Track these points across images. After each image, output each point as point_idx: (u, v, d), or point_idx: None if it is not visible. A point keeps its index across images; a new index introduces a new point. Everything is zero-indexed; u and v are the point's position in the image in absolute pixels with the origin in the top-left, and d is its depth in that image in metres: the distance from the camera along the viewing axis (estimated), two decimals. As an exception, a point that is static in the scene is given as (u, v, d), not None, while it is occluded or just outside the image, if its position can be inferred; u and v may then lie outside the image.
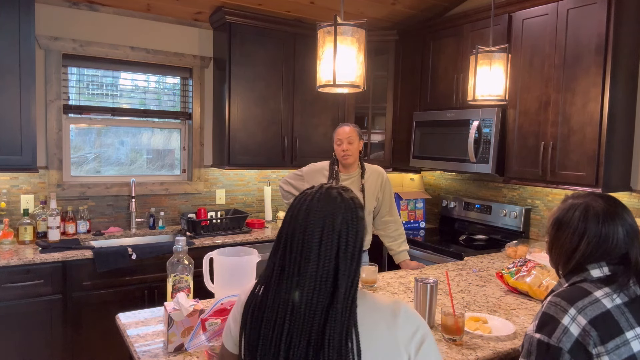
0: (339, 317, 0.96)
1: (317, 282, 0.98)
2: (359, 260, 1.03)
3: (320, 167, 2.73)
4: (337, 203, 1.03)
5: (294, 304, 0.98)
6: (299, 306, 0.97)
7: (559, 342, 1.11)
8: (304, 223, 1.01)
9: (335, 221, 1.01)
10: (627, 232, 1.24)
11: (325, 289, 0.98)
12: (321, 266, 0.98)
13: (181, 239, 1.82)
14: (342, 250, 1.00)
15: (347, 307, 0.98)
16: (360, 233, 1.04)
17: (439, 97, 3.51)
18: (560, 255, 1.31)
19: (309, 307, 0.97)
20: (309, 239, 1.00)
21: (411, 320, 1.04)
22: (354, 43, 1.65)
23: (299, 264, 0.99)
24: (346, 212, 1.03)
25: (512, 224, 3.29)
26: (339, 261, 0.99)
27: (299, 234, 1.01)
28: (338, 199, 1.04)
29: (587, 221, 1.25)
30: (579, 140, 2.63)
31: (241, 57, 3.46)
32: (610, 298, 1.17)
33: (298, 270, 0.99)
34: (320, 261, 0.98)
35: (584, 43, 2.60)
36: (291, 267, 1.00)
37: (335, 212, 1.02)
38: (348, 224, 1.02)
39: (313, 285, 0.98)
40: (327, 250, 0.99)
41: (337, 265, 0.99)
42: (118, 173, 3.54)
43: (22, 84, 2.74)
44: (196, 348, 1.51)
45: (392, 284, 2.28)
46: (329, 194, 1.05)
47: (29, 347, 2.63)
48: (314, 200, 1.04)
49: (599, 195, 1.30)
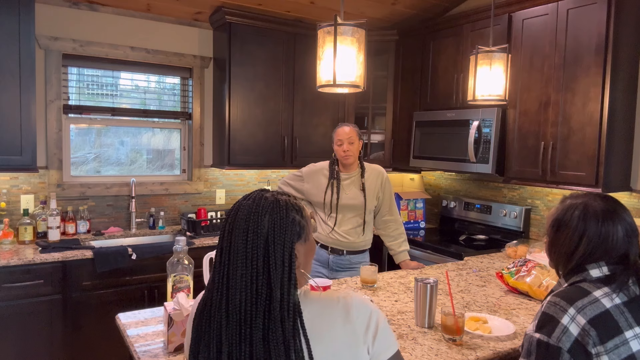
0: (279, 328, 0.92)
1: (246, 290, 0.93)
2: (290, 264, 0.96)
3: (320, 168, 2.73)
4: (266, 203, 0.99)
5: (228, 313, 0.94)
6: (232, 316, 0.93)
7: (558, 342, 1.11)
8: (231, 226, 0.98)
9: (261, 222, 0.96)
10: (627, 231, 1.24)
11: (259, 298, 0.93)
12: (249, 272, 0.94)
13: (181, 239, 1.82)
14: (271, 253, 0.94)
15: (287, 316, 0.93)
16: (289, 235, 0.97)
17: (439, 97, 3.51)
18: (560, 256, 1.30)
19: (245, 316, 0.93)
20: (235, 240, 0.96)
21: (363, 311, 1.02)
22: (354, 43, 1.65)
23: (227, 269, 0.96)
24: (273, 212, 0.98)
25: (512, 224, 3.29)
26: (269, 266, 0.94)
27: (227, 237, 0.98)
28: (269, 199, 1.00)
29: (586, 221, 1.25)
30: (579, 140, 2.63)
31: (241, 57, 3.46)
32: (610, 298, 1.17)
33: (227, 277, 0.95)
34: (247, 266, 0.94)
35: (584, 43, 2.60)
36: (221, 273, 0.96)
37: (261, 212, 0.97)
38: (274, 225, 0.97)
39: (244, 294, 0.93)
40: (253, 253, 0.94)
41: (268, 271, 0.94)
42: (118, 173, 3.54)
43: (22, 84, 2.74)
44: (196, 348, 1.50)
45: (392, 284, 2.28)
46: (261, 196, 1.02)
47: (29, 347, 2.63)
48: (244, 203, 1.00)
49: (598, 195, 1.30)
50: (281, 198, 1.02)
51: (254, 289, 0.94)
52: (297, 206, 1.04)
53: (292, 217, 1.00)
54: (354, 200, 2.63)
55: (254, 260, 0.95)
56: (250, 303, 0.93)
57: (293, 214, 1.01)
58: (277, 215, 0.98)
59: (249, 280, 0.94)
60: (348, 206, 2.63)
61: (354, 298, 1.04)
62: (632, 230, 1.26)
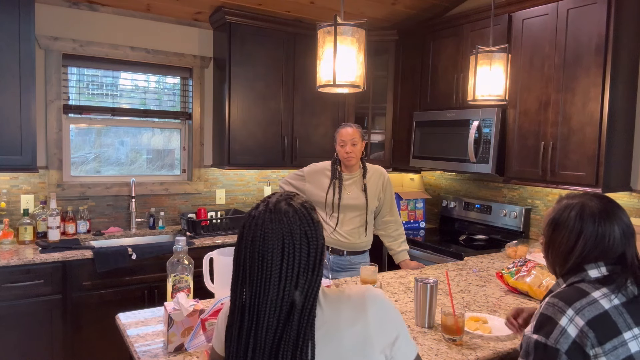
0: (294, 330, 0.93)
1: (276, 306, 0.95)
2: (320, 268, 0.99)
3: (322, 168, 2.72)
4: (290, 217, 0.98)
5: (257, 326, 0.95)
6: (261, 328, 0.95)
7: (556, 343, 1.11)
8: (262, 250, 0.96)
9: (294, 238, 0.96)
10: (623, 231, 1.24)
11: (285, 306, 0.95)
12: (281, 289, 0.95)
13: (181, 239, 1.82)
14: (303, 265, 0.96)
15: (304, 319, 0.94)
16: (321, 239, 1.00)
17: (439, 97, 3.51)
18: (557, 256, 1.30)
19: (269, 329, 0.94)
20: (268, 266, 0.95)
21: (382, 314, 1.01)
22: (354, 43, 1.64)
23: (259, 295, 0.95)
24: (302, 224, 0.98)
25: (512, 224, 3.29)
26: (299, 276, 0.95)
27: (258, 262, 0.96)
28: (290, 212, 0.99)
29: (583, 221, 1.24)
30: (579, 140, 2.63)
31: (241, 57, 3.46)
32: (608, 299, 1.17)
33: (257, 303, 0.95)
34: (281, 284, 0.95)
35: (584, 43, 2.60)
36: (252, 298, 0.96)
37: (292, 228, 0.97)
38: (308, 236, 0.97)
39: (273, 310, 0.94)
40: (288, 271, 0.95)
41: (297, 281, 0.95)
42: (118, 173, 3.54)
43: (22, 84, 2.74)
44: (196, 348, 1.51)
45: (392, 284, 2.28)
46: (279, 209, 0.99)
47: (29, 347, 2.63)
48: (267, 222, 0.98)
49: (594, 195, 1.30)
50: (298, 203, 1.01)
51: (282, 305, 0.95)
52: (312, 207, 1.04)
53: (316, 218, 1.01)
54: (356, 200, 2.63)
55: (289, 280, 0.95)
56: (276, 318, 0.95)
57: (315, 215, 1.02)
58: (306, 225, 0.98)
59: (281, 299, 0.94)
60: (350, 206, 2.63)
61: (374, 298, 1.02)
62: (629, 231, 1.25)
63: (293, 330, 0.94)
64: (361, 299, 1.02)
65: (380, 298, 1.04)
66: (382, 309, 1.02)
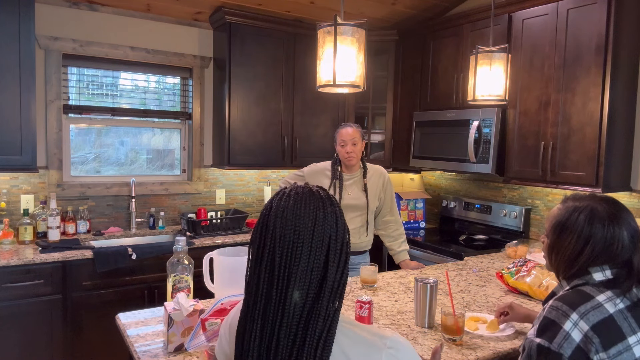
0: (323, 312, 0.92)
1: (307, 277, 0.93)
2: (347, 252, 0.98)
3: (322, 168, 2.72)
4: (322, 197, 0.99)
5: (285, 303, 0.92)
6: (289, 304, 0.92)
7: (559, 348, 1.09)
8: (294, 217, 0.95)
9: (326, 212, 0.97)
10: (632, 236, 1.20)
11: (315, 283, 0.93)
12: (312, 260, 0.93)
13: (181, 239, 1.82)
14: (332, 240, 0.95)
15: (332, 301, 0.94)
16: (346, 226, 1.00)
17: (439, 97, 3.51)
18: (562, 260, 1.26)
19: (298, 304, 0.92)
20: (302, 231, 0.94)
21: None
22: (354, 43, 1.64)
23: (290, 264, 0.93)
24: (332, 205, 0.99)
25: (512, 224, 3.29)
26: (329, 253, 0.95)
27: (290, 229, 0.94)
28: (321, 193, 1.00)
29: (592, 225, 1.20)
30: (579, 140, 2.63)
31: (241, 57, 3.46)
32: (613, 302, 1.14)
33: (289, 271, 0.93)
34: (312, 256, 0.93)
35: (584, 43, 2.60)
36: (281, 269, 0.93)
37: (324, 205, 0.98)
38: (337, 216, 0.98)
39: (303, 281, 0.92)
40: (318, 241, 0.94)
41: (327, 256, 0.94)
42: (118, 173, 3.54)
43: (22, 84, 2.74)
44: (196, 348, 1.51)
45: (392, 284, 2.28)
46: (310, 190, 1.00)
47: (29, 347, 2.63)
48: (299, 194, 0.98)
49: (601, 197, 1.26)
50: (327, 193, 1.01)
51: (312, 278, 0.93)
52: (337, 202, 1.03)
53: (341, 211, 1.01)
54: (357, 200, 2.63)
55: (318, 252, 0.94)
56: (307, 291, 0.93)
57: (339, 209, 1.01)
58: (336, 207, 0.99)
59: (311, 271, 0.93)
60: (350, 206, 2.63)
61: (401, 348, 0.96)
62: (637, 235, 1.22)
63: (323, 305, 0.92)
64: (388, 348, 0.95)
65: (406, 346, 0.98)
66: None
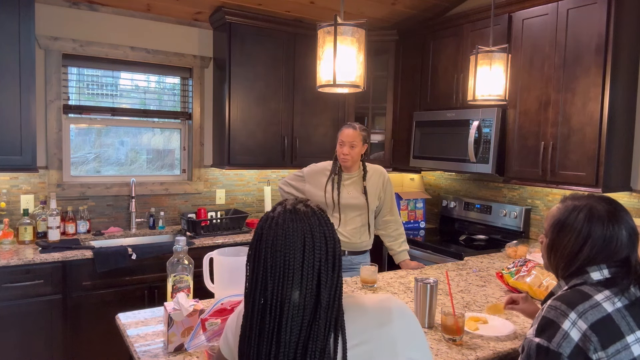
0: (322, 329, 0.94)
1: (300, 306, 0.96)
2: (339, 267, 1.01)
3: (322, 168, 2.72)
4: (309, 217, 1.01)
5: (280, 335, 0.95)
6: (284, 328, 0.95)
7: (558, 347, 1.10)
8: (284, 249, 0.98)
9: (314, 237, 0.99)
10: (630, 235, 1.22)
11: (309, 305, 0.96)
12: (303, 287, 0.96)
13: (181, 239, 1.82)
14: (323, 263, 0.98)
15: (330, 317, 0.96)
16: (338, 242, 1.02)
17: (439, 97, 3.51)
18: (560, 259, 1.27)
19: (294, 329, 0.95)
20: (290, 264, 0.97)
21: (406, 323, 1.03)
22: (354, 43, 1.64)
23: (282, 291, 0.96)
24: (320, 224, 1.01)
25: (512, 224, 3.29)
26: (320, 275, 0.97)
27: (280, 261, 0.97)
28: (309, 212, 1.02)
29: (591, 224, 1.22)
30: (579, 140, 2.63)
31: (241, 57, 3.46)
32: (611, 301, 1.15)
33: (280, 302, 0.96)
34: (303, 282, 0.96)
35: (584, 43, 2.60)
36: (274, 297, 0.96)
37: (312, 227, 1.00)
38: (326, 236, 1.00)
39: (296, 310, 0.95)
40: (309, 269, 0.97)
41: (319, 280, 0.97)
42: (118, 173, 3.54)
43: (22, 84, 2.74)
44: (196, 348, 1.51)
45: (392, 284, 2.28)
46: (297, 210, 1.02)
47: (29, 347, 2.63)
48: (287, 221, 1.00)
49: (600, 197, 1.28)
50: (314, 207, 1.04)
51: (306, 302, 0.96)
52: (326, 214, 1.06)
53: (332, 223, 1.04)
54: (355, 200, 2.63)
55: (310, 277, 0.97)
56: (302, 314, 0.96)
57: (329, 221, 1.04)
58: (325, 227, 1.01)
59: (304, 297, 0.96)
60: (350, 205, 2.63)
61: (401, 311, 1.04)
62: (635, 234, 1.23)
63: (320, 329, 0.94)
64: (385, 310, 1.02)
65: (408, 312, 1.05)
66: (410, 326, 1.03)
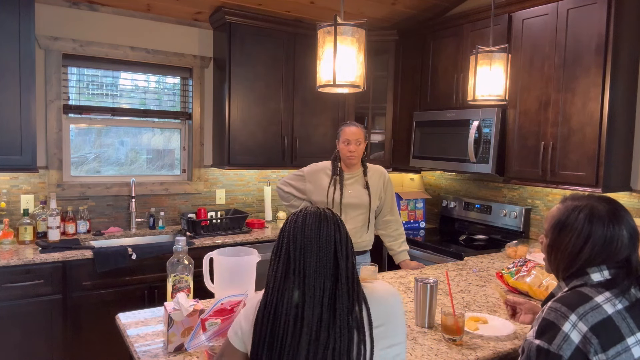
0: (345, 290, 1.12)
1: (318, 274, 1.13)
2: (351, 243, 1.20)
3: (322, 167, 2.72)
4: (325, 214, 1.21)
5: (302, 294, 1.12)
6: (308, 296, 1.12)
7: (559, 350, 1.09)
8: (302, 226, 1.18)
9: (328, 217, 1.20)
10: (631, 235, 1.21)
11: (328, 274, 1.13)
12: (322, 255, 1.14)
13: (181, 239, 1.82)
14: (337, 237, 1.17)
15: (351, 281, 1.14)
16: (349, 235, 1.21)
17: (439, 97, 3.51)
18: (561, 259, 1.27)
19: (317, 292, 1.12)
20: (308, 235, 1.17)
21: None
22: (354, 43, 1.65)
23: (302, 263, 1.15)
24: (333, 217, 1.22)
25: (512, 224, 3.29)
26: (335, 245, 1.16)
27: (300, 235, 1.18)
28: (325, 212, 1.22)
29: (592, 224, 1.21)
30: (579, 140, 2.63)
31: (241, 57, 3.46)
32: (612, 303, 1.14)
33: (303, 268, 1.14)
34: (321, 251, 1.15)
35: (584, 43, 2.60)
36: (295, 267, 1.15)
37: (326, 212, 1.22)
38: (337, 220, 1.21)
39: (315, 276, 1.13)
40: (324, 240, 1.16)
41: (335, 250, 1.16)
42: (118, 173, 3.54)
43: (22, 84, 2.74)
44: (196, 348, 1.51)
45: (392, 284, 2.28)
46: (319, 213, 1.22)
47: (29, 347, 2.63)
48: (309, 213, 1.21)
49: (600, 197, 1.27)
50: (328, 212, 1.23)
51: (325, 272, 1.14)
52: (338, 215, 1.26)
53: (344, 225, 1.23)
54: (357, 199, 2.63)
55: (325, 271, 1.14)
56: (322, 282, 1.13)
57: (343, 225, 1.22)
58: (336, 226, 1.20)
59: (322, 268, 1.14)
60: (351, 205, 2.63)
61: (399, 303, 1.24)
62: (636, 234, 1.23)
63: (344, 295, 1.12)
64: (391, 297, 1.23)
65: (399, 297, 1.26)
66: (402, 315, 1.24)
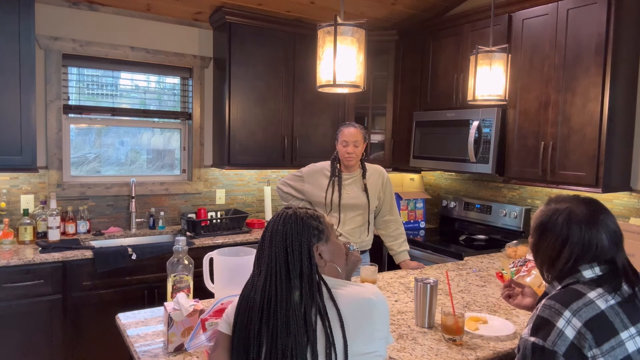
0: (300, 312, 1.11)
1: (271, 285, 1.16)
2: (310, 257, 1.18)
3: (321, 167, 2.72)
4: (285, 218, 1.22)
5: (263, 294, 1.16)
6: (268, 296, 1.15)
7: (554, 346, 1.11)
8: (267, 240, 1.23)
9: (280, 230, 1.21)
10: (611, 237, 1.24)
11: (279, 289, 1.15)
12: (271, 271, 1.17)
13: (181, 239, 1.82)
14: (289, 251, 1.17)
15: (309, 300, 1.12)
16: (306, 237, 1.19)
17: (439, 97, 3.51)
18: (543, 260, 1.32)
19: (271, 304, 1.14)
20: (269, 250, 1.20)
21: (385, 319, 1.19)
22: (354, 43, 1.65)
23: (259, 271, 1.21)
24: (288, 222, 1.21)
25: (512, 224, 3.29)
26: (288, 263, 1.16)
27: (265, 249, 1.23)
28: (289, 214, 1.24)
29: (570, 228, 1.25)
30: (579, 140, 2.63)
31: (241, 57, 3.46)
32: (604, 299, 1.17)
33: (259, 258, 1.23)
34: (271, 266, 1.18)
35: (584, 43, 2.60)
36: (258, 257, 1.23)
37: (280, 223, 1.22)
38: (292, 232, 1.20)
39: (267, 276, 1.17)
40: (277, 255, 1.18)
41: (287, 267, 1.16)
42: (118, 173, 3.54)
43: (22, 84, 2.74)
44: (196, 348, 1.50)
45: (392, 284, 2.28)
46: (284, 213, 1.25)
47: (29, 347, 2.63)
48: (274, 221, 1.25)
49: (582, 199, 1.29)
50: (299, 211, 1.24)
51: (277, 283, 1.15)
52: (314, 215, 1.26)
53: (309, 223, 1.22)
54: (356, 199, 2.63)
55: (278, 262, 1.17)
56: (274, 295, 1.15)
57: (310, 220, 1.23)
58: (294, 223, 1.21)
59: (273, 278, 1.16)
60: (350, 205, 2.63)
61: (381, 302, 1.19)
62: (617, 236, 1.25)
63: (297, 306, 1.13)
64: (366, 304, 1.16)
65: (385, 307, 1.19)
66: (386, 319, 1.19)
